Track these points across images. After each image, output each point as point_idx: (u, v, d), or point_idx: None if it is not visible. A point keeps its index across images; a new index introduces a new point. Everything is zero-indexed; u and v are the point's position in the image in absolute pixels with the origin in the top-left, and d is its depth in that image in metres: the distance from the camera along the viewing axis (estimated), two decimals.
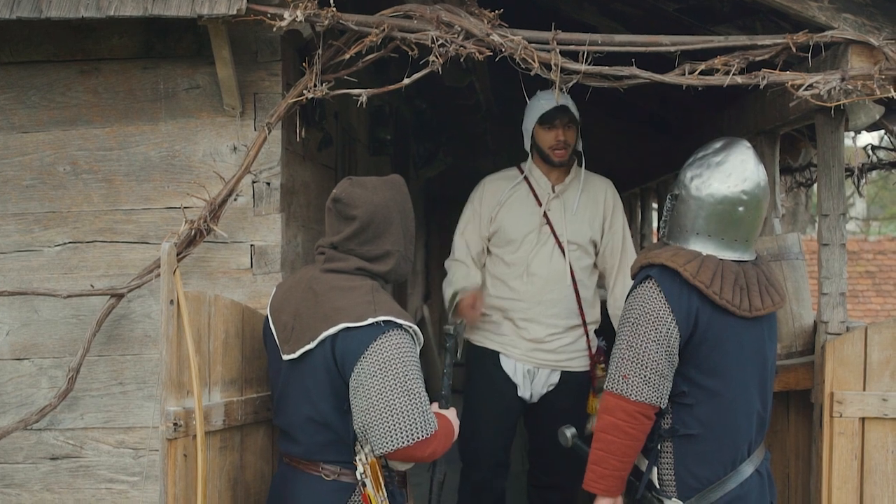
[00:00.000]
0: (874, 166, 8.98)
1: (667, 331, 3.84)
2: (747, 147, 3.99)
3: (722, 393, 3.90)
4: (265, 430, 4.32)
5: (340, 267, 3.84)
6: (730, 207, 3.91)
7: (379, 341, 3.64)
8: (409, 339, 3.73)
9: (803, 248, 5.32)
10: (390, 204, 3.85)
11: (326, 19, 4.16)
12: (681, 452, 3.94)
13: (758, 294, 3.93)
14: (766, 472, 4.05)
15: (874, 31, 4.31)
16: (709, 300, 3.84)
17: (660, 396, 3.87)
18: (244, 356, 4.21)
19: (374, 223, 3.81)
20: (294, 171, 4.81)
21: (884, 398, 4.54)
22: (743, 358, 3.92)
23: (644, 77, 4.28)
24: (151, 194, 4.53)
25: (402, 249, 3.89)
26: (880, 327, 4.58)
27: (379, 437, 3.63)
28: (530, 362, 5.37)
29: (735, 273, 3.90)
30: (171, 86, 4.54)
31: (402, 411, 3.61)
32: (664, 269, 3.90)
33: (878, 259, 20.41)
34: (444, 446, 3.85)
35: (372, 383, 3.61)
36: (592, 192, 5.44)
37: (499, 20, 4.29)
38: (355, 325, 3.66)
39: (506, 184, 5.48)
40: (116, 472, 4.52)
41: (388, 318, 3.67)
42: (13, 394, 4.54)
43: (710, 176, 3.93)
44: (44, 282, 4.52)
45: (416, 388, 3.64)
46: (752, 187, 3.91)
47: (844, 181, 4.87)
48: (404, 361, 3.65)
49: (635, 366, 3.86)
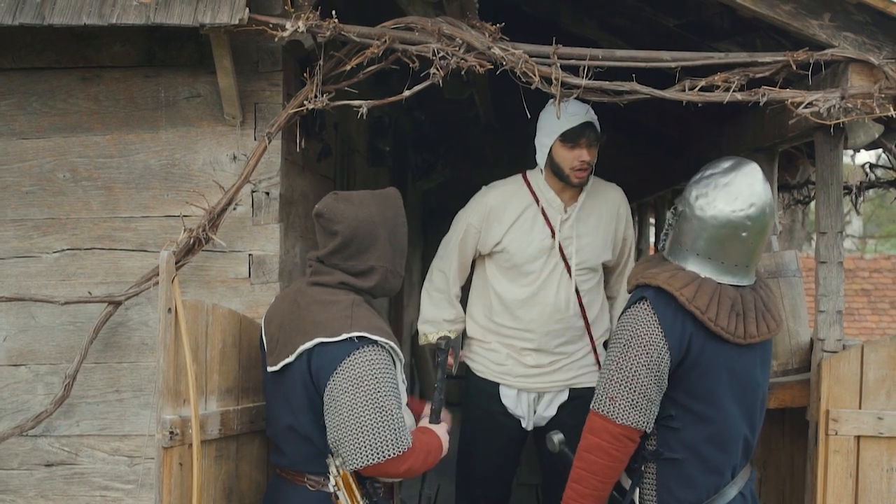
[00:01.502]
0: (872, 185, 8.98)
1: (657, 355, 3.80)
2: (757, 170, 3.91)
3: (709, 418, 3.87)
4: (260, 440, 4.32)
5: (325, 280, 3.88)
6: (732, 232, 3.84)
7: (352, 357, 3.66)
8: (385, 356, 3.72)
9: (800, 265, 5.32)
10: (376, 219, 3.86)
11: (328, 30, 4.17)
12: (664, 475, 3.91)
13: (754, 321, 3.89)
14: (749, 494, 4.03)
15: (874, 49, 4.32)
16: (703, 326, 3.81)
17: (646, 421, 3.84)
18: (241, 366, 4.21)
19: (358, 239, 3.83)
20: (293, 181, 4.82)
21: (879, 417, 4.54)
22: (733, 384, 3.89)
23: (644, 92, 4.29)
24: (150, 202, 4.53)
25: (388, 265, 3.91)
26: (876, 346, 4.58)
27: (349, 453, 3.64)
28: (534, 389, 5.07)
29: (732, 298, 3.86)
30: (172, 94, 4.54)
31: (372, 428, 3.61)
32: (660, 292, 3.86)
33: (873, 277, 20.43)
34: (425, 463, 3.85)
35: (343, 399, 3.63)
36: (606, 207, 5.06)
37: (500, 34, 4.29)
38: (330, 340, 3.68)
39: (513, 203, 5.02)
40: (111, 480, 4.51)
41: (363, 333, 3.68)
42: (9, 400, 4.53)
43: (716, 197, 3.85)
44: (41, 288, 4.52)
45: (388, 406, 3.63)
46: (757, 213, 3.84)
47: (842, 199, 4.87)
48: (377, 378, 3.65)
49: (623, 388, 3.83)
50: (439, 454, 4.00)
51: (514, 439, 5.16)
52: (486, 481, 5.18)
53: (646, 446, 3.94)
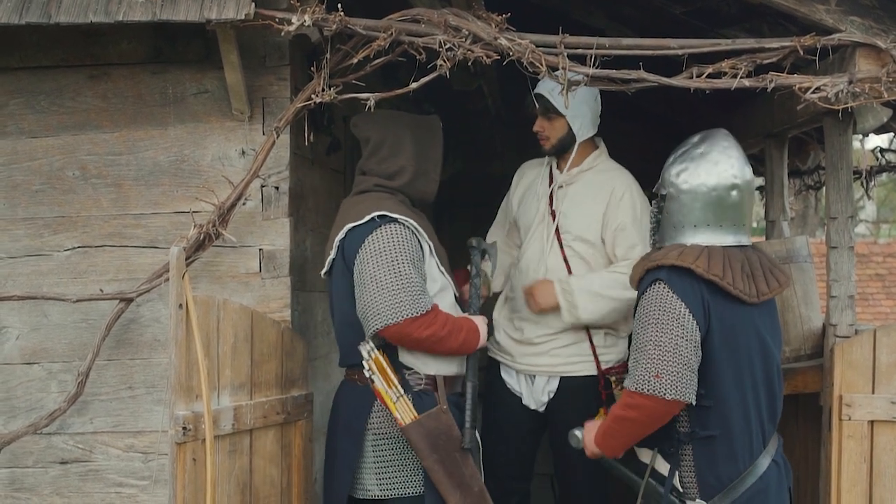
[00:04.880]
0: (883, 169, 8.95)
1: (691, 327, 3.80)
2: (726, 134, 4.07)
3: (737, 392, 3.89)
4: (274, 435, 4.33)
5: (362, 188, 4.33)
6: (724, 193, 3.95)
7: (375, 233, 4.07)
8: (405, 231, 4.12)
9: (812, 251, 5.31)
10: (405, 127, 4.33)
11: (334, 24, 4.17)
12: (700, 454, 3.93)
13: (763, 278, 3.95)
14: (781, 460, 4.07)
15: (881, 33, 4.30)
16: (720, 293, 3.84)
17: (692, 392, 3.83)
18: (253, 360, 4.22)
19: (387, 142, 4.29)
20: (302, 175, 4.82)
21: (892, 401, 4.53)
22: (752, 351, 3.92)
23: (652, 80, 4.28)
24: (160, 199, 4.54)
25: (416, 166, 4.30)
26: (889, 330, 4.57)
27: (371, 316, 3.97)
28: (525, 369, 5.11)
29: (740, 261, 3.92)
30: (180, 90, 4.54)
31: (390, 290, 3.96)
32: (672, 270, 3.88)
33: (888, 262, 20.34)
34: (453, 337, 4.14)
35: (366, 269, 4.03)
36: (603, 186, 5.02)
37: (506, 24, 4.28)
38: (357, 224, 4.13)
39: (533, 170, 5.29)
40: (126, 477, 4.52)
41: (384, 212, 4.12)
42: (23, 398, 4.55)
43: (697, 167, 3.97)
44: (53, 286, 4.53)
45: (406, 271, 4.01)
46: (740, 171, 3.98)
47: (853, 184, 4.86)
48: (397, 249, 4.04)
49: (668, 364, 3.79)
50: (474, 336, 4.28)
51: (520, 417, 5.15)
52: (507, 463, 5.18)
53: (678, 429, 3.95)
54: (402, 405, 4.03)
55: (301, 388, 4.54)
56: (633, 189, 5.04)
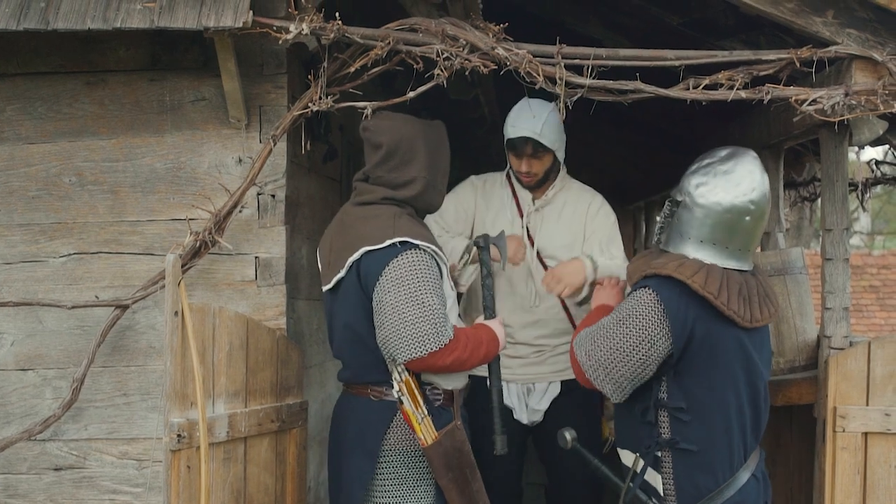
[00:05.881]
0: (878, 181, 8.99)
1: (651, 338, 3.85)
2: (754, 157, 3.98)
3: (718, 407, 3.90)
4: (269, 443, 4.33)
5: (368, 199, 4.13)
6: (737, 217, 3.89)
7: (397, 260, 3.93)
8: (427, 258, 4.00)
9: (807, 262, 5.32)
10: (418, 134, 4.12)
11: (332, 32, 4.17)
12: (679, 462, 3.95)
13: (758, 305, 3.93)
14: (761, 475, 4.07)
15: (878, 46, 4.32)
16: (712, 311, 3.84)
17: (613, 392, 3.98)
18: (248, 368, 4.22)
19: (401, 150, 4.09)
20: (299, 183, 4.82)
21: (887, 413, 4.54)
22: (741, 370, 3.92)
23: (648, 91, 4.29)
24: (156, 206, 4.54)
25: (429, 177, 4.14)
26: (883, 342, 4.58)
27: (395, 349, 3.90)
28: (522, 380, 5.07)
29: (738, 283, 3.90)
30: (177, 98, 4.55)
31: (414, 322, 3.86)
32: (666, 280, 3.89)
33: (882, 273, 20.36)
34: (476, 354, 4.09)
35: (387, 298, 3.90)
36: (576, 206, 5.09)
37: (503, 34, 4.30)
38: (375, 248, 3.95)
39: (496, 191, 5.17)
40: (120, 483, 4.52)
41: (405, 238, 3.95)
42: (17, 404, 4.54)
43: (717, 184, 3.91)
44: (49, 292, 4.53)
45: (429, 301, 3.89)
46: (759, 197, 3.90)
47: (848, 196, 4.87)
48: (419, 277, 3.91)
49: (603, 354, 3.93)
50: (495, 345, 4.26)
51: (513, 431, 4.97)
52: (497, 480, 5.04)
53: (660, 434, 3.97)
54: (426, 425, 3.97)
55: (296, 397, 4.54)
56: (605, 203, 5.14)
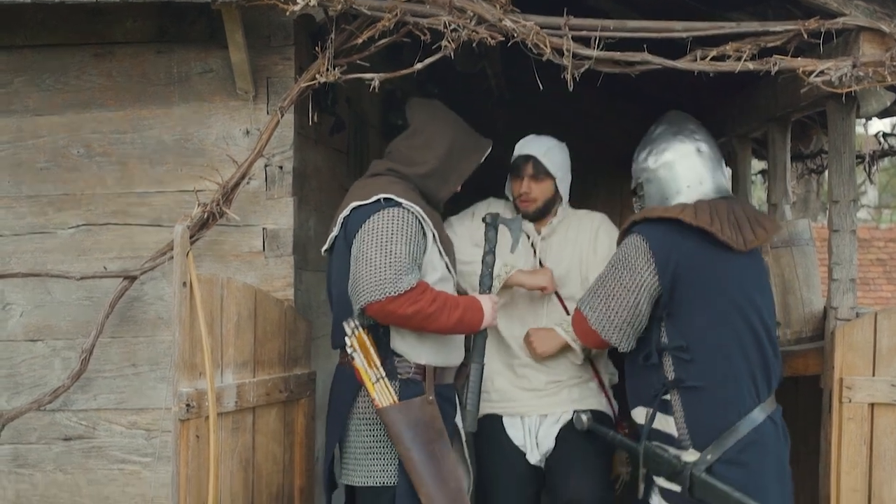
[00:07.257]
0: (886, 153, 8.94)
1: (640, 279, 4.10)
2: (676, 112, 4.44)
3: (719, 343, 4.04)
4: (277, 412, 4.35)
5: (374, 171, 4.30)
6: (692, 152, 4.28)
7: (378, 214, 4.02)
8: (408, 216, 4.04)
9: (814, 234, 5.32)
10: (450, 130, 4.31)
11: (339, 4, 4.16)
12: (688, 403, 4.06)
13: (748, 227, 4.14)
14: (780, 422, 4.20)
15: (886, 17, 4.29)
16: (704, 244, 4.05)
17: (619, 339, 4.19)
18: (256, 338, 4.24)
19: (426, 134, 4.28)
20: (306, 155, 4.83)
21: (893, 384, 4.53)
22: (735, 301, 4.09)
23: (656, 63, 4.28)
24: (165, 177, 4.56)
25: (440, 167, 4.26)
26: (890, 313, 4.57)
27: (356, 293, 3.93)
28: (536, 411, 4.77)
29: (726, 210, 4.13)
30: (185, 70, 4.55)
31: (377, 267, 3.88)
32: (653, 221, 4.13)
33: (889, 247, 20.30)
34: (446, 315, 4.02)
35: (360, 247, 3.98)
36: (584, 233, 4.87)
37: (511, 5, 4.28)
38: (362, 203, 4.07)
39: None
40: (129, 453, 4.55)
41: (390, 196, 4.05)
42: (26, 375, 4.57)
43: (660, 144, 4.32)
44: (57, 264, 4.54)
45: (397, 250, 3.92)
46: (697, 129, 4.36)
47: (855, 168, 4.86)
48: (393, 230, 3.97)
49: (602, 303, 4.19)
50: (476, 315, 4.17)
51: (525, 478, 4.76)
52: None
53: (665, 375, 4.10)
54: (381, 387, 4.00)
55: (304, 367, 4.56)
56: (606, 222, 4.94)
